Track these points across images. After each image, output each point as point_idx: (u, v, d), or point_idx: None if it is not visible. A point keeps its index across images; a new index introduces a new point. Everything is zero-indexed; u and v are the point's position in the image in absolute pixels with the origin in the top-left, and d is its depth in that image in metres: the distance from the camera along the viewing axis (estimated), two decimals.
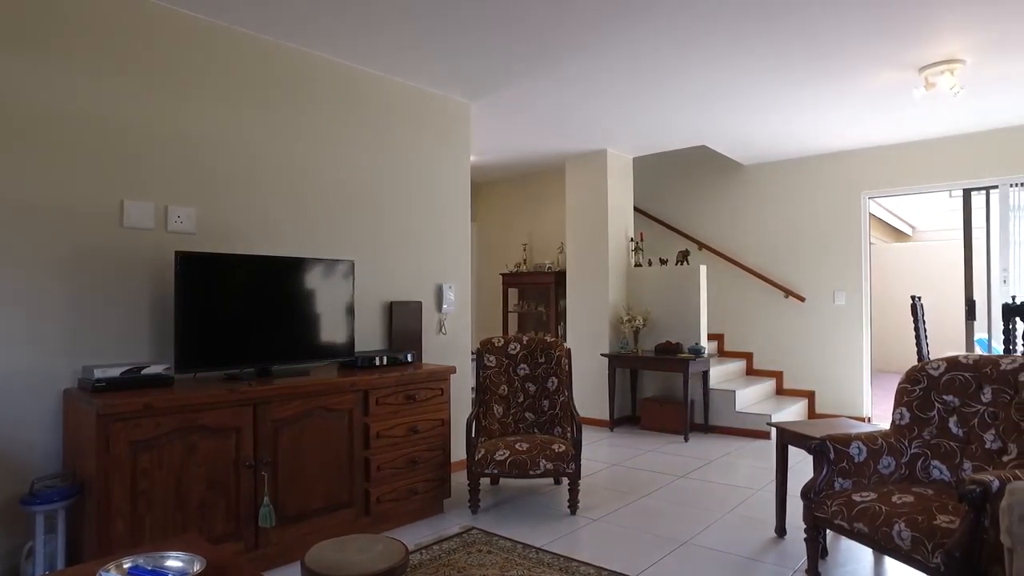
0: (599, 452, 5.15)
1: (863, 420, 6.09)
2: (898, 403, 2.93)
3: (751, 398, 6.01)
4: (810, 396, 6.36)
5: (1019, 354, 3.65)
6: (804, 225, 6.46)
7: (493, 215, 7.93)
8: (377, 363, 3.58)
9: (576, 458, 3.62)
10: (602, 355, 6.05)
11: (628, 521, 3.55)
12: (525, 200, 7.61)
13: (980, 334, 8.55)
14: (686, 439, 5.50)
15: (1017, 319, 3.53)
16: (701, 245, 7.01)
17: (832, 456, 2.72)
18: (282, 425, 2.89)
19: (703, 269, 6.02)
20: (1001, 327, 5.06)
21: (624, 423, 6.23)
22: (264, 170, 3.49)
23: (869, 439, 2.79)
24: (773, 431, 5.53)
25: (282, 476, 2.88)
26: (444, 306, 4.46)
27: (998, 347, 5.63)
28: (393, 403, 3.36)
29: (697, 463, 4.76)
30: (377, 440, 3.28)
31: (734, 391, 5.74)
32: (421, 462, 3.50)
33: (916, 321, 4.46)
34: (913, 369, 2.95)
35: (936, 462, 2.77)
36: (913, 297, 4.52)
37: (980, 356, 2.80)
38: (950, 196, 13.89)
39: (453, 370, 3.69)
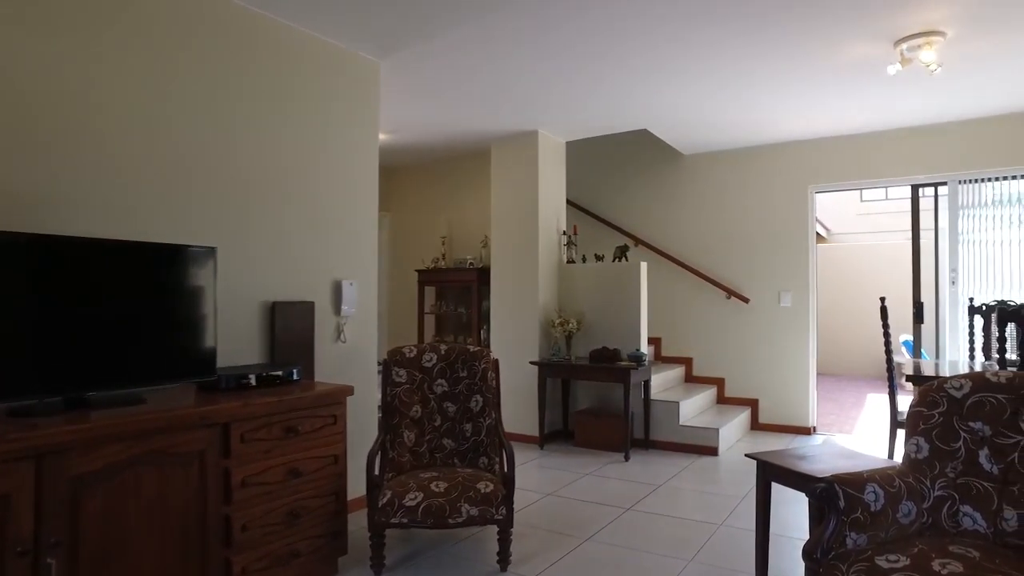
0: (530, 477, 4.43)
1: (809, 431, 5.67)
2: (912, 431, 2.35)
3: (694, 409, 5.46)
4: (753, 405, 5.89)
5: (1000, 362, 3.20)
6: (748, 220, 5.99)
7: (409, 204, 7.08)
8: (251, 382, 2.71)
9: (507, 500, 2.88)
10: (531, 363, 5.34)
11: None
12: (445, 187, 6.82)
13: (905, 336, 8.46)
14: (626, 458, 4.87)
15: (1012, 325, 3.08)
16: (637, 241, 6.43)
17: (843, 504, 2.10)
18: (87, 484, 1.98)
19: (644, 266, 5.42)
20: (965, 329, 4.71)
21: (556, 439, 5.55)
22: (98, 125, 2.54)
23: (885, 479, 2.18)
24: (719, 447, 4.99)
25: (85, 561, 1.97)
26: (344, 307, 3.61)
27: (928, 351, 5.33)
28: (266, 438, 2.50)
29: (643, 489, 4.13)
30: (242, 490, 2.42)
31: (678, 402, 5.16)
32: (305, 514, 2.65)
33: (885, 325, 3.99)
34: (928, 389, 2.38)
35: (967, 508, 2.20)
36: (882, 299, 4.06)
37: (1015, 373, 2.26)
38: (861, 200, 14.25)
39: (350, 391, 2.86)
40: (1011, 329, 4.32)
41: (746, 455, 2.74)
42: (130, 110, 2.67)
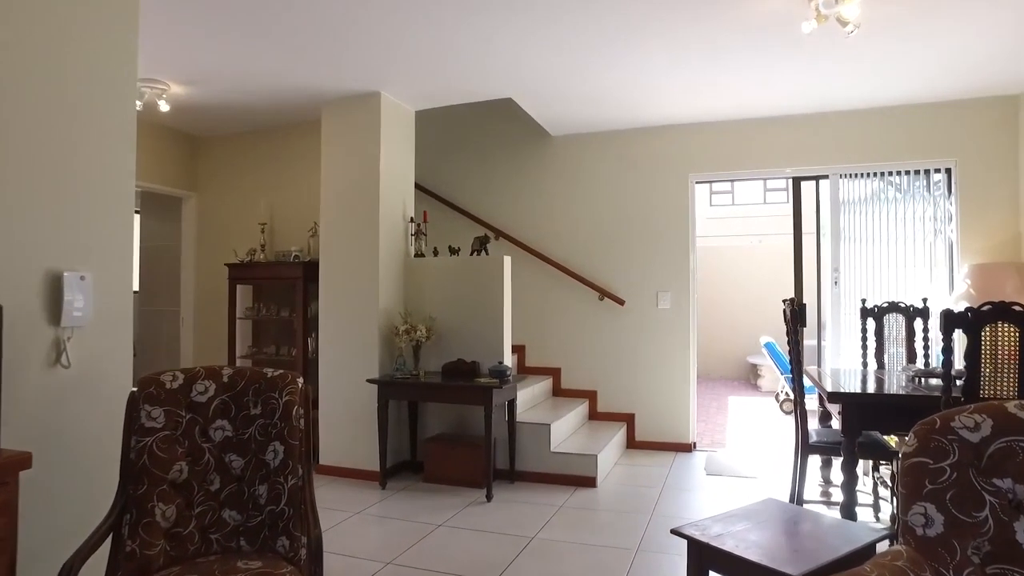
0: (366, 535, 3.37)
1: (689, 447, 5.09)
2: (915, 493, 1.61)
3: (565, 430, 4.67)
4: (629, 420, 5.22)
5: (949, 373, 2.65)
6: (623, 212, 5.32)
7: (220, 182, 5.70)
8: None
9: None
10: (369, 381, 4.27)
11: None
12: (267, 163, 5.53)
13: (766, 337, 8.34)
14: (488, 497, 3.95)
15: (959, 332, 2.52)
16: (498, 233, 5.57)
17: None
18: None
19: (507, 261, 4.55)
20: (866, 334, 4.28)
21: (402, 472, 4.52)
22: None
23: None
24: (598, 476, 4.22)
25: None
26: (73, 314, 2.35)
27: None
28: None
29: (511, 546, 3.22)
30: None
31: (548, 425, 4.33)
32: None
33: (795, 331, 3.39)
34: (927, 428, 1.65)
35: None
36: (791, 301, 3.47)
37: None
38: (711, 204, 14.60)
39: (24, 461, 1.66)
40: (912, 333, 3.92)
41: (673, 531, 1.89)
42: None
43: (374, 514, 3.70)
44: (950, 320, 2.51)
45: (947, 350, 2.54)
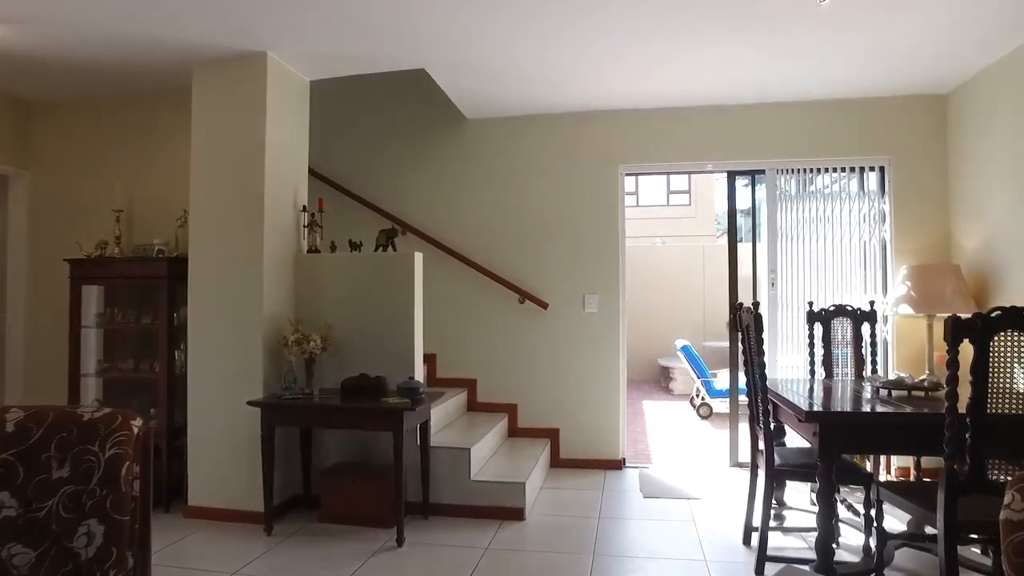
0: None
1: (619, 464, 4.64)
2: None
3: (485, 453, 4.08)
4: (553, 436, 4.71)
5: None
6: (546, 206, 4.81)
7: (64, 159, 4.67)
8: None
9: None
10: (250, 403, 3.49)
11: None
12: (124, 137, 4.57)
13: (682, 340, 8.13)
14: (400, 540, 3.28)
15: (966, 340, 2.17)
16: (405, 228, 4.89)
17: None
18: None
19: (419, 258, 3.91)
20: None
21: (292, 511, 3.76)
22: None
23: None
24: (526, 506, 3.66)
25: None
26: None
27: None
28: None
29: None
30: None
31: (468, 449, 3.72)
32: None
33: (755, 342, 2.96)
34: None
35: None
36: (754, 305, 3.04)
37: None
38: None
39: None
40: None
41: None
42: None
43: (256, 574, 2.95)
44: (958, 327, 2.14)
45: (952, 363, 2.17)
